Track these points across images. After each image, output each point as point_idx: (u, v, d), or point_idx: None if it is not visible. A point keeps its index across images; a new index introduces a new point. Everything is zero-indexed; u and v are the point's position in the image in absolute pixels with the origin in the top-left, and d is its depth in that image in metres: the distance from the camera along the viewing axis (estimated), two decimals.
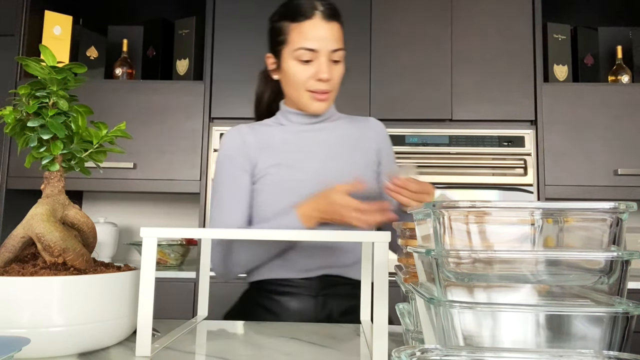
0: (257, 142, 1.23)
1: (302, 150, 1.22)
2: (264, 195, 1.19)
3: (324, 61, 1.16)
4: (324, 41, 1.15)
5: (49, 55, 0.76)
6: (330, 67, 1.17)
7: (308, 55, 1.16)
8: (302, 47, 1.15)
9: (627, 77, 2.32)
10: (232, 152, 1.22)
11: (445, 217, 0.54)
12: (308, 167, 1.20)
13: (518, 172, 2.12)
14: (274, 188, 1.18)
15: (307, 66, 1.17)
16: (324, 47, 1.15)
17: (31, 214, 0.75)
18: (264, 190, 1.19)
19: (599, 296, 0.53)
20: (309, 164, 1.20)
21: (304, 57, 1.16)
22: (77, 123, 0.78)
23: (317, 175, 1.19)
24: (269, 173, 1.20)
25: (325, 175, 1.18)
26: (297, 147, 1.23)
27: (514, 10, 2.23)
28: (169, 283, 2.04)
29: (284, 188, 1.18)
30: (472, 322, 0.52)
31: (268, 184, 1.19)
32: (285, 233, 0.80)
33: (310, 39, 1.15)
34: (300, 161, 1.21)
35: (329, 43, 1.16)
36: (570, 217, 0.54)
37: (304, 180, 1.18)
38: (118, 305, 0.73)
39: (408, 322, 0.75)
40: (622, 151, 2.14)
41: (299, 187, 1.17)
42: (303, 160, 1.21)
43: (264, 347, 0.79)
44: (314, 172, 1.19)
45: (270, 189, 1.19)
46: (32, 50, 2.25)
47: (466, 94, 2.19)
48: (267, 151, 1.22)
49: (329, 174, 1.19)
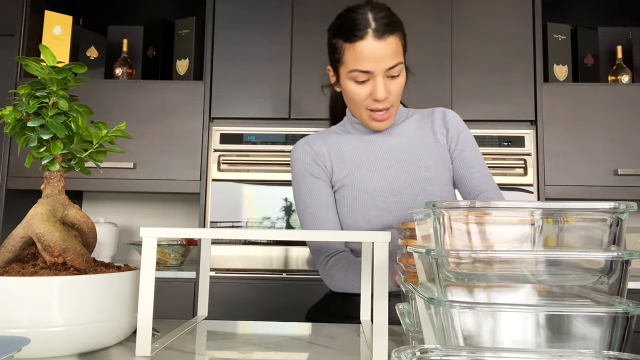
0: (329, 152, 1.25)
1: (374, 160, 1.22)
2: (341, 207, 1.22)
3: (379, 81, 1.12)
4: (378, 62, 1.11)
5: (49, 55, 0.76)
6: (388, 84, 1.14)
7: (363, 76, 1.13)
8: (356, 69, 1.13)
9: (627, 77, 2.32)
10: (308, 165, 1.24)
11: (445, 217, 0.54)
12: (380, 177, 1.20)
13: (518, 172, 2.12)
14: (350, 200, 1.20)
15: (364, 86, 1.14)
16: (378, 68, 1.11)
17: (31, 214, 0.75)
18: (341, 202, 1.22)
19: (599, 296, 0.53)
20: (381, 174, 1.21)
21: (359, 79, 1.14)
22: (77, 123, 0.78)
23: (390, 184, 1.19)
24: (344, 185, 1.22)
25: (398, 182, 1.19)
26: (367, 157, 1.23)
27: (514, 10, 2.23)
28: (169, 283, 2.04)
29: (358, 201, 1.20)
30: (472, 322, 0.52)
31: (345, 196, 1.21)
32: (285, 233, 0.80)
33: (364, 61, 1.11)
34: (371, 172, 1.21)
35: (383, 62, 1.11)
36: (570, 217, 0.54)
37: (377, 191, 1.19)
38: (118, 305, 0.73)
39: (408, 322, 0.75)
40: (622, 151, 2.14)
41: (373, 198, 1.19)
42: (374, 171, 1.21)
43: (264, 346, 0.79)
44: (386, 181, 1.20)
45: (347, 201, 1.21)
46: (32, 50, 2.25)
47: (466, 94, 2.19)
48: (340, 161, 1.24)
49: (402, 180, 1.19)
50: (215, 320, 1.01)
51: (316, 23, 2.21)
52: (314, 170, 1.24)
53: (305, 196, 1.24)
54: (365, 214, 1.19)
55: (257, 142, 2.17)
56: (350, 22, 1.13)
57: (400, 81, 1.16)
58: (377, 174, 1.21)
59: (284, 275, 2.09)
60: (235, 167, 2.16)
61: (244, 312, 2.02)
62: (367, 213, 1.19)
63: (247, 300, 2.05)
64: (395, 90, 1.16)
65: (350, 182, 1.21)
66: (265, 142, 2.17)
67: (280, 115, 2.20)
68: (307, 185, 1.24)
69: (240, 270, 2.10)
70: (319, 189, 1.23)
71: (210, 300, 1.00)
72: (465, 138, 1.25)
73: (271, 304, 2.05)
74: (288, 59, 2.22)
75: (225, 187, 2.15)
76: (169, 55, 2.41)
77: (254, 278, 2.08)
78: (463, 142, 1.24)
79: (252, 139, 2.18)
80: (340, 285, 1.19)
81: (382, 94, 1.13)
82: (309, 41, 2.21)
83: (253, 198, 2.15)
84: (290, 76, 2.21)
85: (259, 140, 2.18)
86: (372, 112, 1.17)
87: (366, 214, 1.19)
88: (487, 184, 1.22)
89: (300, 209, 1.25)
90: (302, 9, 2.23)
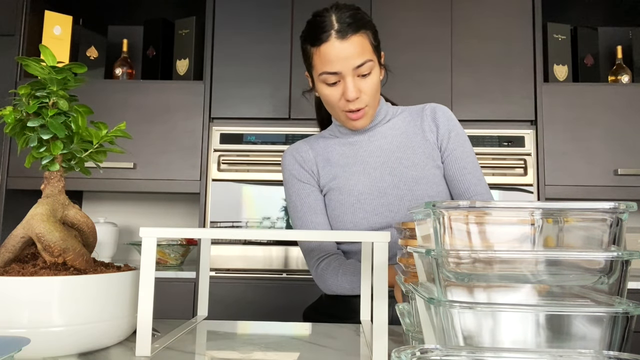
0: (315, 157, 1.26)
1: (359, 162, 1.22)
2: (330, 210, 1.23)
3: (349, 81, 1.12)
4: (344, 62, 1.11)
5: (49, 55, 0.76)
6: (358, 83, 1.13)
7: (332, 78, 1.13)
8: (325, 71, 1.13)
9: (627, 77, 2.32)
10: (296, 171, 1.26)
11: (445, 217, 0.54)
12: (366, 179, 1.20)
13: (518, 172, 2.12)
14: (336, 204, 1.21)
15: (335, 88, 1.14)
16: (345, 68, 1.11)
17: (31, 214, 0.75)
18: (329, 205, 1.23)
19: (599, 296, 0.53)
20: (367, 176, 1.20)
21: (329, 81, 1.14)
22: (77, 123, 0.78)
23: (376, 185, 1.19)
24: (331, 188, 1.22)
25: (384, 183, 1.19)
26: (353, 160, 1.23)
27: (514, 10, 2.22)
28: (169, 283, 2.04)
29: (344, 204, 1.20)
30: (472, 322, 0.52)
31: (332, 199, 1.22)
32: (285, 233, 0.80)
33: (330, 63, 1.11)
34: (357, 175, 1.21)
35: (349, 62, 1.11)
36: (570, 217, 0.54)
37: (363, 193, 1.19)
38: (118, 305, 0.73)
39: (408, 322, 0.75)
40: (622, 151, 2.14)
41: (359, 201, 1.19)
42: (360, 173, 1.21)
43: (264, 346, 0.79)
44: (372, 182, 1.20)
45: (334, 205, 1.21)
46: (32, 50, 2.25)
47: (466, 94, 2.19)
48: (326, 165, 1.25)
49: (388, 181, 1.19)
50: (215, 320, 1.01)
51: None
52: (302, 175, 1.25)
53: (295, 201, 1.26)
54: (352, 216, 1.19)
55: (257, 142, 2.17)
56: (315, 26, 1.14)
57: (372, 79, 1.15)
58: (363, 176, 1.21)
59: (284, 275, 2.09)
60: (235, 167, 2.16)
61: (244, 312, 2.02)
62: (354, 215, 1.19)
63: (247, 300, 2.05)
64: (367, 88, 1.14)
65: (337, 185, 1.21)
66: (265, 142, 2.17)
67: (280, 115, 2.20)
68: (295, 190, 1.26)
69: (240, 270, 2.10)
70: (307, 194, 1.25)
71: (210, 300, 1.00)
72: (456, 136, 1.22)
73: (271, 304, 2.05)
74: (288, 59, 2.22)
75: (225, 187, 2.15)
76: (169, 55, 2.41)
77: (254, 278, 2.08)
78: (455, 141, 1.22)
79: (252, 139, 2.18)
80: (332, 287, 1.20)
81: (352, 94, 1.12)
82: None
83: (253, 198, 2.15)
84: (290, 76, 2.21)
85: (259, 140, 2.18)
86: (348, 113, 1.17)
87: (353, 216, 1.19)
88: (479, 186, 1.20)
89: (291, 214, 1.28)
90: (302, 9, 2.23)
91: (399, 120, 1.26)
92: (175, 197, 2.57)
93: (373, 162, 1.21)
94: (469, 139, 1.25)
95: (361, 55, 1.12)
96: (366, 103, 1.16)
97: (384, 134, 1.24)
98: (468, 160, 1.22)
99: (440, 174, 1.21)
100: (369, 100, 1.16)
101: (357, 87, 1.13)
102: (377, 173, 1.20)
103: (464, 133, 1.25)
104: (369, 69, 1.13)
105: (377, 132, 1.25)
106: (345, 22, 1.11)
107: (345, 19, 1.11)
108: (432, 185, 1.18)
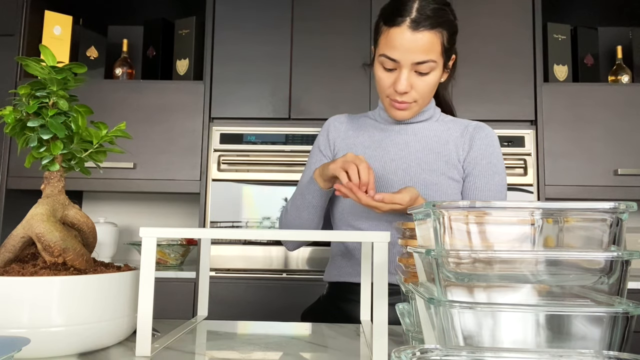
0: (344, 130, 1.28)
1: (381, 148, 1.21)
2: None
3: (404, 72, 1.10)
4: (407, 52, 1.08)
5: (49, 55, 0.76)
6: (413, 79, 1.11)
7: (390, 64, 1.11)
8: (385, 54, 1.10)
9: (627, 77, 2.32)
10: (322, 138, 1.30)
11: (445, 217, 0.54)
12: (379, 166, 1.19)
13: (518, 172, 2.12)
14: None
15: (390, 74, 1.12)
16: (405, 59, 1.08)
17: (31, 214, 0.75)
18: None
19: (599, 296, 0.53)
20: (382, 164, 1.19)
21: (387, 65, 1.12)
22: (77, 123, 0.78)
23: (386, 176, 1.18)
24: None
25: (394, 176, 1.18)
26: (377, 144, 1.22)
27: (514, 10, 2.22)
28: (169, 283, 2.04)
29: None
30: (472, 322, 0.52)
31: None
32: (285, 233, 0.80)
33: (392, 49, 1.09)
34: (373, 159, 1.20)
35: (412, 55, 1.08)
36: (570, 217, 0.54)
37: None
38: (118, 305, 0.73)
39: (408, 322, 0.75)
40: (622, 151, 2.14)
41: None
42: (376, 159, 1.20)
43: (263, 347, 0.79)
44: (384, 171, 1.18)
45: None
46: (32, 50, 2.25)
47: (466, 94, 2.19)
48: (345, 140, 1.26)
49: (399, 176, 1.17)
50: (215, 320, 1.01)
51: (316, 23, 2.21)
52: (322, 143, 1.29)
53: (308, 165, 1.30)
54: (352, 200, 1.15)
55: (257, 142, 2.17)
56: (395, 6, 1.11)
57: (428, 79, 1.12)
58: (377, 163, 1.20)
59: (284, 275, 2.09)
60: (235, 167, 2.16)
61: (244, 312, 2.02)
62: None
63: (247, 300, 2.05)
64: (420, 87, 1.12)
65: None
66: (265, 142, 2.17)
67: (280, 115, 2.20)
68: (312, 157, 1.30)
69: (240, 270, 2.10)
70: (317, 160, 1.28)
71: (210, 300, 1.00)
72: (487, 165, 1.18)
73: (271, 304, 2.05)
74: (288, 59, 2.22)
75: (225, 187, 2.15)
76: (169, 55, 2.41)
77: (254, 278, 2.08)
78: (482, 169, 1.17)
79: (252, 139, 2.18)
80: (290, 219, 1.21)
81: (402, 87, 1.10)
82: (309, 41, 2.21)
83: (253, 198, 2.15)
84: (290, 76, 2.21)
85: (259, 140, 2.18)
86: (393, 101, 1.15)
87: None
88: None
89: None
90: (302, 9, 2.23)
91: (438, 125, 1.24)
92: (175, 197, 2.57)
93: (393, 154, 1.20)
94: (504, 172, 1.20)
95: (426, 53, 1.09)
96: (414, 99, 1.14)
97: (416, 132, 1.23)
98: (488, 195, 1.17)
99: (457, 187, 1.18)
100: (418, 98, 1.15)
101: (410, 81, 1.11)
102: (392, 165, 1.19)
103: (500, 164, 1.20)
104: (428, 68, 1.11)
105: (411, 128, 1.23)
106: (425, 15, 1.07)
107: (426, 11, 1.08)
108: (441, 194, 1.16)
